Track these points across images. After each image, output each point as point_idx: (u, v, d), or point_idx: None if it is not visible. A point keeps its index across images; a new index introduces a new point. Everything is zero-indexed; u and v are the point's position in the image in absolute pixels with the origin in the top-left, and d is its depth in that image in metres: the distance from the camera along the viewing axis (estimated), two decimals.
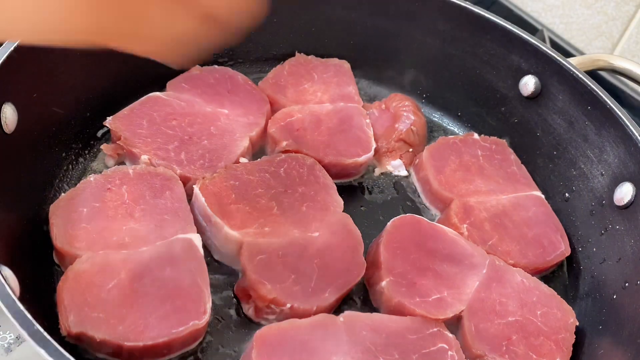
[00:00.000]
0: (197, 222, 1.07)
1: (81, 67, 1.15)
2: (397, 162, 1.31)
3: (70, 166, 1.18)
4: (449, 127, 1.47)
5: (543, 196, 1.26)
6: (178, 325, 0.91)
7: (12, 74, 1.00)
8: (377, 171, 1.31)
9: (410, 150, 1.33)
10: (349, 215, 1.13)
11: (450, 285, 1.06)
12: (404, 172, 1.32)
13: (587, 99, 1.21)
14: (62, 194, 1.05)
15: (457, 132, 1.46)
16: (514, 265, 1.12)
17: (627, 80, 1.34)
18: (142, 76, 1.28)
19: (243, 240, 1.04)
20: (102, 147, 1.18)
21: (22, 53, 1.01)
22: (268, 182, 1.13)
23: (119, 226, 1.01)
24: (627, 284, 1.06)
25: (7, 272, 0.85)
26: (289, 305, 0.98)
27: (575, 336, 1.05)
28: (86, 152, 1.22)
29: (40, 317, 0.91)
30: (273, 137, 1.25)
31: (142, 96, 1.24)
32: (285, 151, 1.23)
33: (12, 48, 0.99)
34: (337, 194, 1.16)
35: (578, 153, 1.24)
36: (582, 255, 1.20)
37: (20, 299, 0.78)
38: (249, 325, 1.03)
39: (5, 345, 0.99)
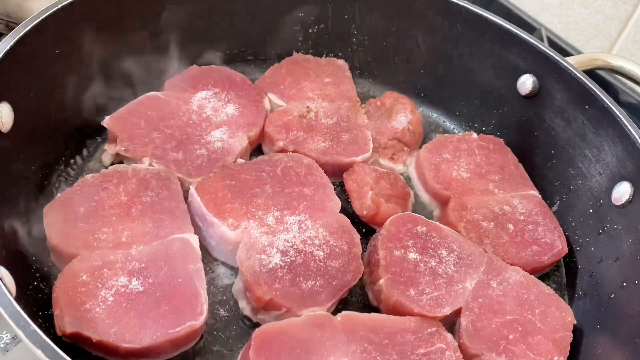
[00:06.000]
0: (193, 222, 1.07)
1: (78, 66, 1.15)
2: (388, 162, 1.32)
3: (67, 166, 1.18)
4: (446, 125, 1.47)
5: (540, 195, 1.26)
6: (175, 325, 0.91)
7: (9, 73, 1.00)
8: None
9: (405, 149, 1.33)
10: (346, 217, 1.12)
11: (448, 284, 1.06)
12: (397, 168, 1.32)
13: (585, 98, 1.21)
14: (59, 193, 1.05)
15: (455, 130, 1.46)
16: (511, 264, 1.12)
17: (625, 79, 1.34)
18: (140, 75, 1.28)
19: (239, 239, 1.04)
20: (105, 147, 1.17)
21: (19, 52, 1.01)
22: (265, 182, 1.13)
23: (116, 226, 1.01)
24: (625, 284, 1.06)
25: (4, 272, 0.84)
26: (284, 309, 0.98)
27: (573, 335, 1.05)
28: (83, 151, 1.21)
29: (37, 317, 0.92)
30: (270, 136, 1.25)
31: (140, 95, 1.24)
32: (283, 150, 1.23)
33: (8, 47, 0.99)
34: (335, 194, 1.16)
35: (576, 152, 1.24)
36: (580, 254, 1.20)
37: (17, 299, 0.78)
38: (246, 324, 1.03)
39: (2, 346, 0.98)
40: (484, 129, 1.43)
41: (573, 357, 1.04)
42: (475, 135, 1.34)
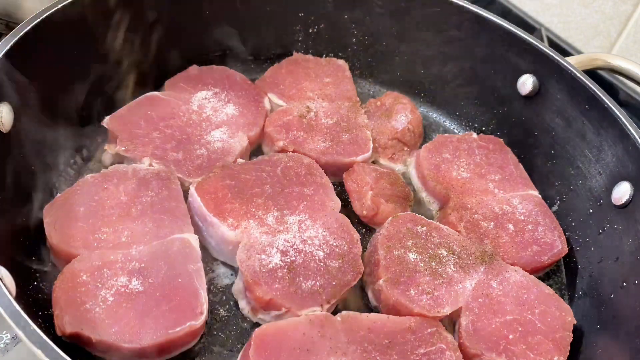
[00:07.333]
0: (193, 222, 1.07)
1: (78, 66, 1.15)
2: (388, 162, 1.32)
3: (67, 166, 1.18)
4: (446, 125, 1.47)
5: (540, 195, 1.26)
6: (174, 325, 0.91)
7: (9, 73, 1.00)
8: None
9: (405, 148, 1.33)
10: (346, 217, 1.12)
11: (447, 284, 1.06)
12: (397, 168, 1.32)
13: (585, 98, 1.21)
14: (59, 193, 1.05)
15: (455, 130, 1.46)
16: (511, 264, 1.12)
17: (625, 79, 1.34)
18: (139, 75, 1.28)
19: (239, 239, 1.04)
20: (105, 147, 1.17)
21: (19, 52, 1.01)
22: (265, 182, 1.13)
23: (116, 226, 1.01)
24: (624, 283, 1.05)
25: (4, 272, 0.84)
26: (284, 309, 0.98)
27: (573, 335, 1.05)
28: (83, 151, 1.21)
29: (37, 317, 0.92)
30: (270, 136, 1.25)
31: (140, 95, 1.23)
32: (283, 150, 1.23)
33: (8, 47, 0.99)
34: (335, 194, 1.16)
35: (576, 152, 1.24)
36: (580, 254, 1.20)
37: (17, 299, 0.78)
38: (246, 324, 1.03)
39: (2, 346, 0.98)
40: (484, 129, 1.43)
41: (573, 357, 1.04)
42: (475, 135, 1.34)
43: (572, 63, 1.26)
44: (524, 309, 1.06)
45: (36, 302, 0.94)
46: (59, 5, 1.09)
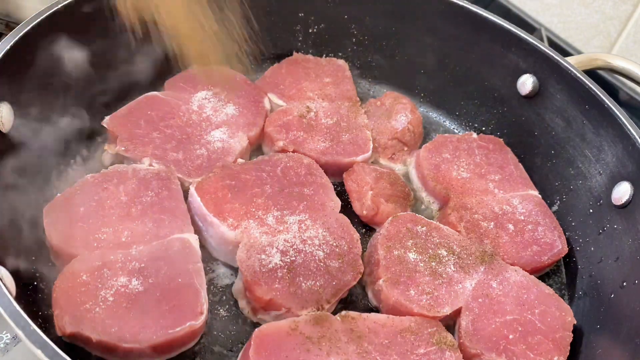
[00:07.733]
0: (193, 222, 1.07)
1: (78, 66, 1.15)
2: (388, 162, 1.32)
3: (67, 166, 1.18)
4: (446, 125, 1.47)
5: (540, 195, 1.26)
6: (174, 325, 0.91)
7: (9, 73, 1.00)
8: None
9: (405, 148, 1.33)
10: (346, 217, 1.12)
11: (447, 284, 1.06)
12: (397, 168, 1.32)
13: (585, 98, 1.21)
14: (59, 193, 1.05)
15: (455, 130, 1.46)
16: (511, 264, 1.12)
17: (625, 79, 1.34)
18: (140, 75, 1.28)
19: (239, 239, 1.04)
20: (105, 147, 1.17)
21: (19, 52, 1.01)
22: (265, 182, 1.13)
23: (116, 225, 1.01)
24: (624, 283, 1.06)
25: (4, 272, 0.84)
26: (284, 309, 0.98)
27: (573, 335, 1.05)
28: (83, 151, 1.21)
29: (37, 317, 0.92)
30: (270, 136, 1.25)
31: (140, 95, 1.23)
32: (283, 150, 1.23)
33: (8, 47, 0.99)
34: (335, 194, 1.16)
35: (576, 152, 1.24)
36: (580, 254, 1.20)
37: (17, 299, 0.78)
38: (246, 325, 1.03)
39: (2, 346, 0.98)
40: (484, 129, 1.43)
41: (573, 357, 1.04)
42: (475, 135, 1.34)
43: (572, 63, 1.26)
44: (524, 309, 1.06)
45: (36, 302, 0.94)
46: (59, 5, 1.09)
